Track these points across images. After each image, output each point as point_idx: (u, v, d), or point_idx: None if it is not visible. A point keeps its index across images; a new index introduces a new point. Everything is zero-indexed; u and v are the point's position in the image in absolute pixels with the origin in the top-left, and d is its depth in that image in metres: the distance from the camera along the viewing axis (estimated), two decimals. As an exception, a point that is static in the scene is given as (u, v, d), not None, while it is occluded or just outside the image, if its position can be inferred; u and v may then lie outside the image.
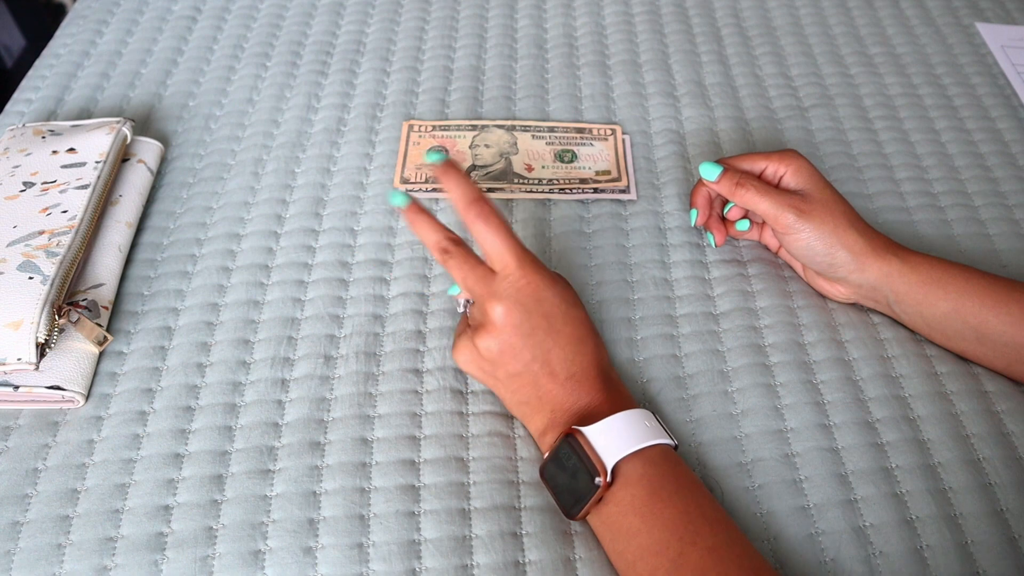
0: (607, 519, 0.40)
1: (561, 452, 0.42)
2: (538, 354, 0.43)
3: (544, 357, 0.43)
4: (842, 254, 0.49)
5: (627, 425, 0.41)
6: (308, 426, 0.47)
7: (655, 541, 0.38)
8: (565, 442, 0.41)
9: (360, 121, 0.65)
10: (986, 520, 0.43)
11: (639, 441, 0.40)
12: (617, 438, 0.40)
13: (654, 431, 0.41)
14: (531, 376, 0.43)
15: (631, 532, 0.39)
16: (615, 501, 0.40)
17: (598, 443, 0.40)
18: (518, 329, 0.43)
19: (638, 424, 0.41)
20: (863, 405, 0.48)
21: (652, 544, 0.38)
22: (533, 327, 0.43)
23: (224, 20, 0.75)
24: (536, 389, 0.44)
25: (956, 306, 0.47)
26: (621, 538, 0.39)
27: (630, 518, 0.39)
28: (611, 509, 0.40)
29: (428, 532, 0.43)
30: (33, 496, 0.44)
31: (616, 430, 0.41)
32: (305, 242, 0.57)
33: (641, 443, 0.40)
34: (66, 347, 0.48)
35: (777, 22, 0.76)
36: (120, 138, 0.58)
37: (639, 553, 0.38)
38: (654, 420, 0.42)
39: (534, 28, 0.75)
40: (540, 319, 0.43)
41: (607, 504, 0.40)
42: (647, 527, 0.39)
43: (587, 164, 0.62)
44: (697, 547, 0.37)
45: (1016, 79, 0.70)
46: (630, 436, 0.41)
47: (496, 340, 0.43)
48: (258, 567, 0.42)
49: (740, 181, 0.50)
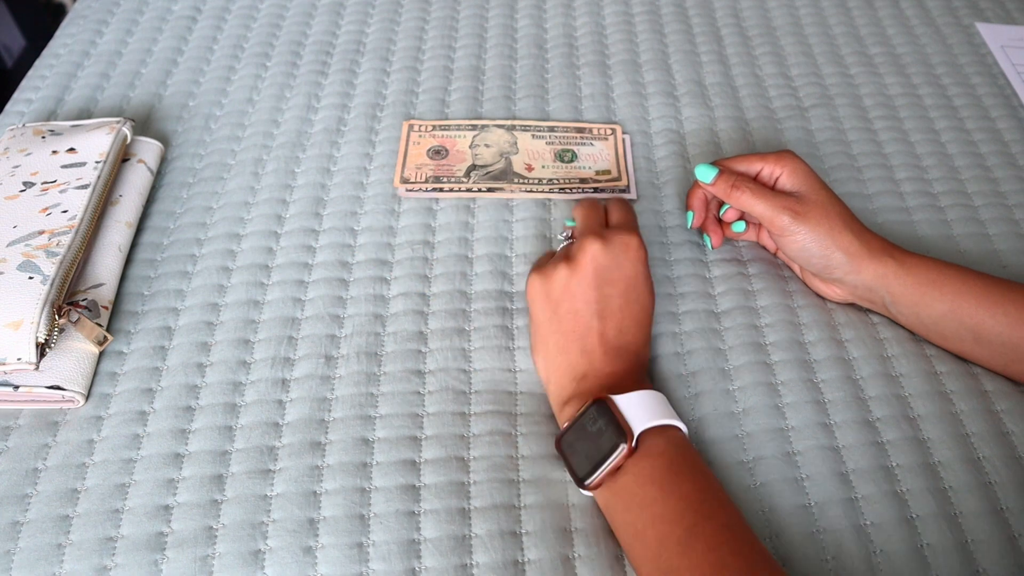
0: (621, 489, 0.41)
1: (587, 416, 0.42)
2: (603, 307, 0.46)
3: (605, 311, 0.46)
4: (838, 256, 0.49)
5: (654, 402, 0.43)
6: (308, 426, 0.47)
7: (670, 510, 0.39)
8: (593, 407, 0.42)
9: (360, 121, 0.65)
10: (986, 519, 0.43)
11: (666, 417, 0.42)
12: (646, 410, 0.42)
13: (676, 416, 0.43)
14: (585, 324, 0.46)
15: (646, 501, 0.39)
16: (634, 471, 0.40)
17: (627, 411, 0.42)
18: (599, 273, 0.46)
19: (664, 405, 0.43)
20: (863, 404, 0.48)
21: (667, 513, 0.39)
22: (613, 280, 0.46)
23: (224, 20, 0.75)
24: (583, 342, 0.45)
25: (952, 307, 0.47)
26: (635, 507, 0.40)
27: (647, 488, 0.40)
28: (627, 479, 0.40)
29: (428, 531, 0.43)
30: (33, 496, 0.44)
31: (645, 404, 0.42)
32: (305, 242, 0.57)
33: (668, 419, 0.42)
34: (66, 347, 0.48)
35: (777, 22, 0.76)
36: (120, 138, 0.58)
37: (651, 520, 0.39)
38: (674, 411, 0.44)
39: (534, 28, 0.75)
40: (621, 280, 0.46)
41: (624, 474, 0.41)
42: (663, 497, 0.39)
43: (587, 164, 0.62)
44: (712, 522, 0.38)
45: (1016, 79, 0.70)
46: (657, 411, 0.42)
47: (576, 274, 0.46)
48: (258, 567, 0.42)
49: (736, 183, 0.50)
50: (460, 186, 0.60)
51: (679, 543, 0.37)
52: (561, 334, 0.46)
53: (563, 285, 0.47)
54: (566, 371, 0.45)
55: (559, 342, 0.46)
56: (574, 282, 0.46)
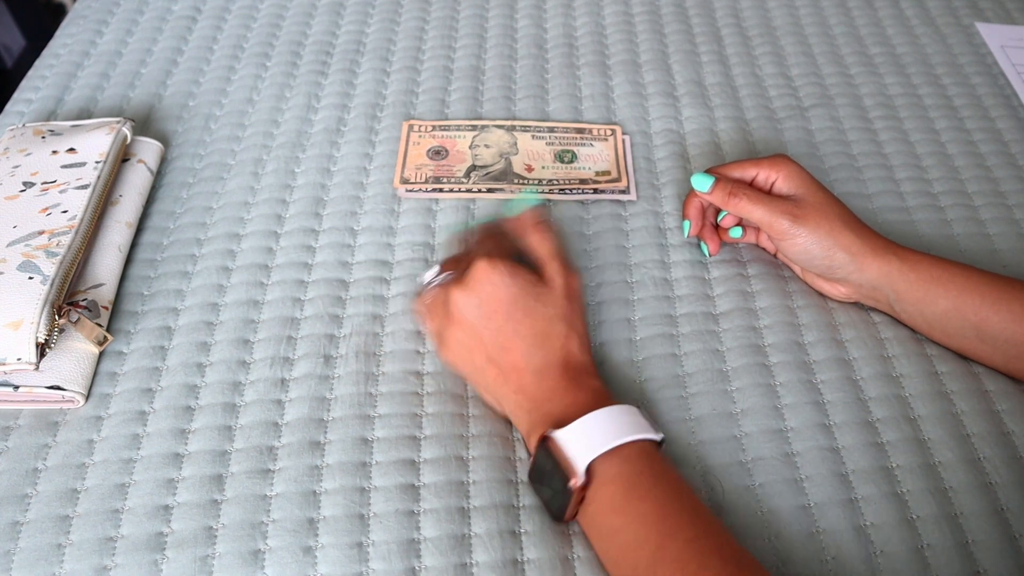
0: (590, 519, 0.40)
1: (539, 458, 0.42)
2: (502, 341, 0.44)
3: (506, 343, 0.44)
4: (840, 255, 0.49)
5: (600, 424, 0.40)
6: (308, 426, 0.47)
7: (634, 537, 0.38)
8: (541, 447, 0.41)
9: (360, 121, 0.65)
10: (987, 519, 0.43)
11: (612, 439, 0.40)
12: (589, 438, 0.40)
13: (631, 427, 0.41)
14: (505, 364, 0.44)
15: (612, 530, 0.39)
16: (595, 501, 0.40)
17: (569, 446, 0.40)
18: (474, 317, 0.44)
19: (614, 422, 0.41)
20: (863, 405, 0.48)
21: (631, 541, 0.38)
22: (489, 313, 0.44)
23: (224, 20, 0.75)
24: (509, 382, 0.44)
25: (956, 304, 0.47)
26: (604, 537, 0.40)
27: (610, 517, 0.39)
28: (593, 509, 0.40)
29: (428, 531, 0.43)
30: (33, 496, 0.44)
31: (589, 431, 0.40)
32: (305, 242, 0.57)
33: (613, 442, 0.40)
34: (66, 347, 0.48)
35: (777, 22, 0.76)
36: (120, 138, 0.58)
37: (620, 551, 0.38)
38: (637, 415, 0.41)
39: (534, 28, 0.75)
40: (496, 309, 0.44)
41: (589, 504, 0.40)
42: (625, 524, 0.39)
43: (587, 164, 0.62)
44: (676, 540, 0.37)
45: (1016, 79, 0.70)
46: (604, 434, 0.40)
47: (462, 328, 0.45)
48: (258, 567, 0.42)
49: (733, 191, 0.50)
50: (460, 187, 0.60)
51: (648, 567, 0.37)
52: (492, 381, 0.45)
53: (462, 342, 0.45)
54: (517, 410, 0.44)
55: (495, 390, 0.45)
56: (468, 334, 0.45)
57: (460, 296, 0.45)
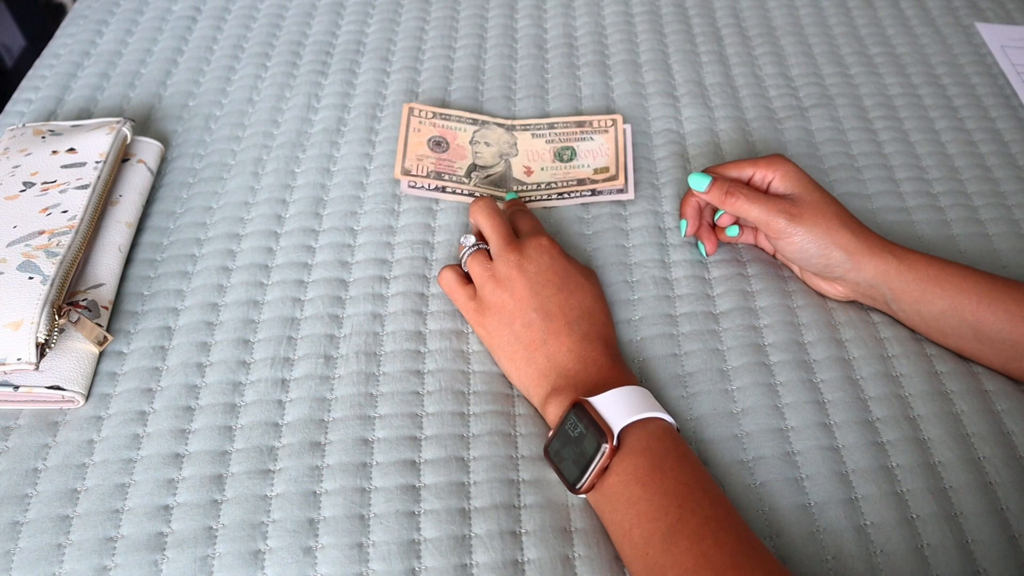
0: (608, 490, 0.41)
1: (567, 423, 0.43)
2: (547, 310, 0.47)
3: (551, 312, 0.47)
4: (837, 254, 0.49)
5: (632, 397, 0.43)
6: (308, 426, 0.47)
7: (654, 507, 0.39)
8: (572, 412, 0.42)
9: (360, 121, 0.65)
10: (986, 519, 0.43)
11: (645, 411, 0.42)
12: (624, 407, 0.42)
13: (657, 407, 0.43)
14: (540, 330, 0.46)
15: (631, 500, 0.40)
16: (618, 471, 0.41)
17: (606, 410, 0.42)
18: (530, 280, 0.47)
19: (643, 398, 0.43)
20: (863, 404, 0.48)
21: (651, 510, 0.39)
22: (544, 281, 0.48)
23: (224, 20, 0.75)
24: (545, 347, 0.46)
25: (953, 303, 0.47)
26: (621, 507, 0.40)
27: (632, 487, 0.40)
28: (613, 479, 0.41)
29: (428, 532, 0.43)
30: (33, 496, 0.44)
31: (623, 400, 0.42)
32: (305, 242, 0.57)
33: (647, 412, 0.42)
34: (66, 347, 0.48)
35: (777, 22, 0.76)
36: (120, 138, 0.58)
37: (637, 519, 0.39)
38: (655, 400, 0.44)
39: (534, 28, 0.75)
40: (552, 279, 0.48)
41: (611, 474, 0.41)
42: (648, 495, 0.39)
43: (586, 161, 0.62)
44: (696, 515, 0.38)
45: (1016, 79, 0.70)
46: (636, 406, 0.42)
47: (511, 289, 0.48)
48: (258, 567, 0.42)
49: (730, 190, 0.51)
50: (461, 187, 0.60)
51: (663, 539, 0.38)
52: (523, 347, 0.47)
53: (506, 304, 0.48)
54: (537, 378, 0.46)
55: (524, 355, 0.47)
56: (514, 298, 0.47)
57: (518, 261, 0.48)
